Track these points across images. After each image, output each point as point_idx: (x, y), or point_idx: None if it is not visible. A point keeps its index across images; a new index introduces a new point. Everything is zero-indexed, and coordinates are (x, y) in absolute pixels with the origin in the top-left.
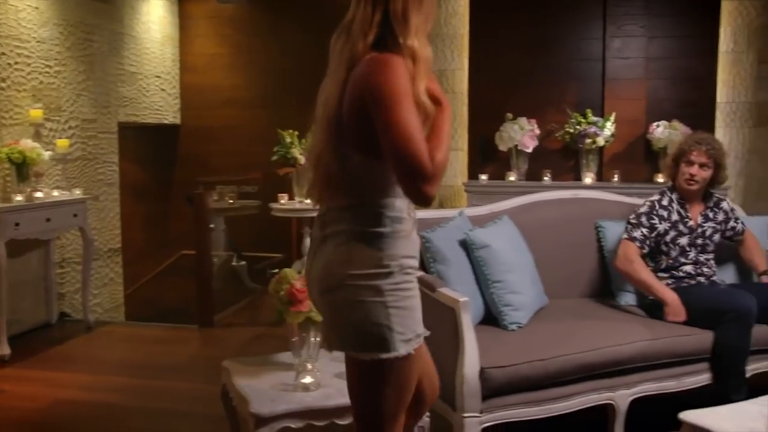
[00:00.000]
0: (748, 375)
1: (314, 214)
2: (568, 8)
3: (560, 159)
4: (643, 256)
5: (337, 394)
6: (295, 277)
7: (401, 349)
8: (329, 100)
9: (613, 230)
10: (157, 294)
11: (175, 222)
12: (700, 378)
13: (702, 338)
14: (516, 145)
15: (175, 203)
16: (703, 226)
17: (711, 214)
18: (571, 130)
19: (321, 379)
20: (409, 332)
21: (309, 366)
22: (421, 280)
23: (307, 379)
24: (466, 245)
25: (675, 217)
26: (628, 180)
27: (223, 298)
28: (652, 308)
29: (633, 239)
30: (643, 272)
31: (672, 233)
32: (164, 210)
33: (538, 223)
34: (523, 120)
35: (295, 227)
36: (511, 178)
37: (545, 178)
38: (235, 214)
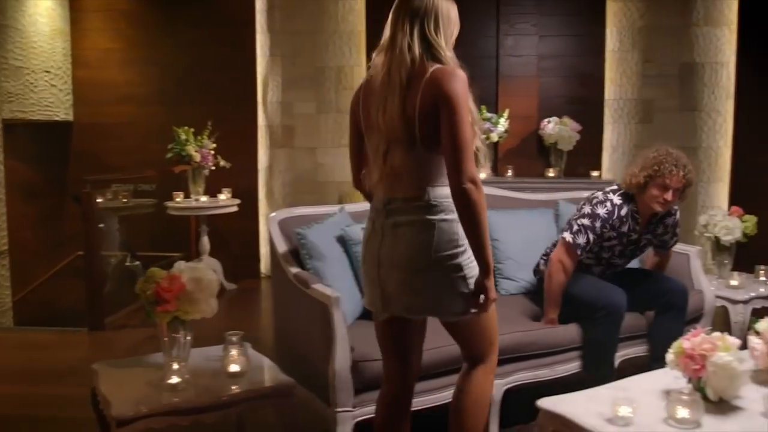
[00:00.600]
0: (617, 361)
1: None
2: (462, 4)
3: None
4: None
5: (205, 392)
6: (162, 276)
7: (473, 307)
8: (391, 105)
9: (498, 220)
10: (51, 297)
11: (69, 222)
12: (572, 366)
13: (572, 330)
14: None
15: (70, 203)
16: (641, 239)
17: (652, 227)
18: None
19: (189, 378)
20: None
21: (176, 366)
22: (296, 277)
23: (174, 380)
24: (344, 241)
25: (624, 229)
26: (521, 175)
27: (117, 299)
28: (535, 298)
29: (576, 246)
30: (559, 287)
31: (614, 241)
32: (57, 210)
33: None
34: None
35: (193, 225)
36: None
37: None
38: (130, 213)
